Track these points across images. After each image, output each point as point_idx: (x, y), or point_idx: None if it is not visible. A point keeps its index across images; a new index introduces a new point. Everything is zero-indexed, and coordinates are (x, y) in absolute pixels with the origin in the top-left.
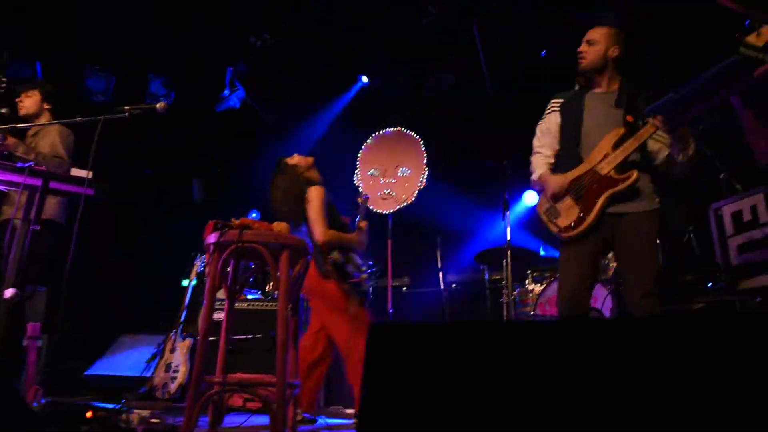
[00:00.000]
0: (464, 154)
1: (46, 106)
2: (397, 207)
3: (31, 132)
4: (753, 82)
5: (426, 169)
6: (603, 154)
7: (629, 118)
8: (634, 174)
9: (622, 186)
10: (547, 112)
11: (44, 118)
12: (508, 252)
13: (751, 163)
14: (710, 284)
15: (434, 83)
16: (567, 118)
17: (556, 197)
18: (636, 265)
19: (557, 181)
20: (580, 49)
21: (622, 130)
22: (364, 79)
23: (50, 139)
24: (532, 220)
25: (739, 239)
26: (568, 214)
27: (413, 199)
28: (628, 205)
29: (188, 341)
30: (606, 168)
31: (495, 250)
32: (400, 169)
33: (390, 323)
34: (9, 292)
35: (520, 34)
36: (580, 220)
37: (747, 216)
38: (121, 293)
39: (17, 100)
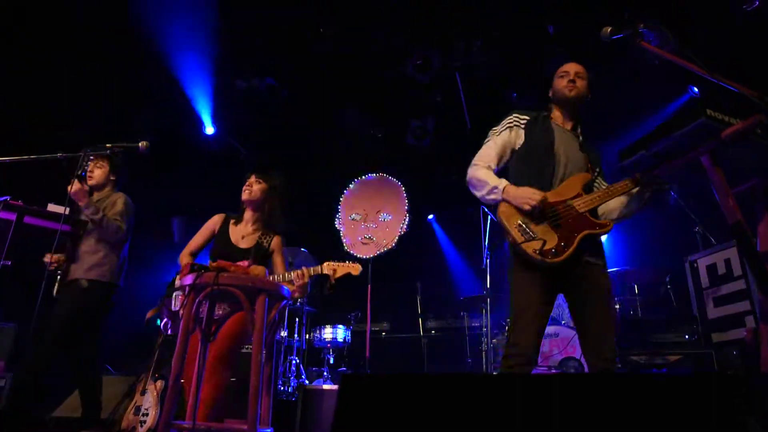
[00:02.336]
0: (444, 201)
1: (111, 178)
2: (378, 252)
3: (94, 198)
4: (721, 143)
5: (407, 215)
6: (575, 192)
7: (590, 167)
8: (611, 224)
9: (599, 231)
10: (508, 125)
11: (108, 190)
12: (488, 299)
13: (722, 217)
14: (686, 336)
15: (415, 129)
16: (534, 141)
17: (535, 213)
18: (598, 320)
19: (538, 194)
20: (573, 77)
21: (588, 177)
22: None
23: (117, 208)
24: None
25: (714, 292)
26: (547, 237)
27: (394, 244)
28: (589, 254)
29: (160, 383)
30: (583, 207)
31: (475, 298)
32: (382, 214)
33: (361, 374)
34: None
35: (495, 81)
36: (562, 248)
37: (722, 269)
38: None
39: (88, 170)
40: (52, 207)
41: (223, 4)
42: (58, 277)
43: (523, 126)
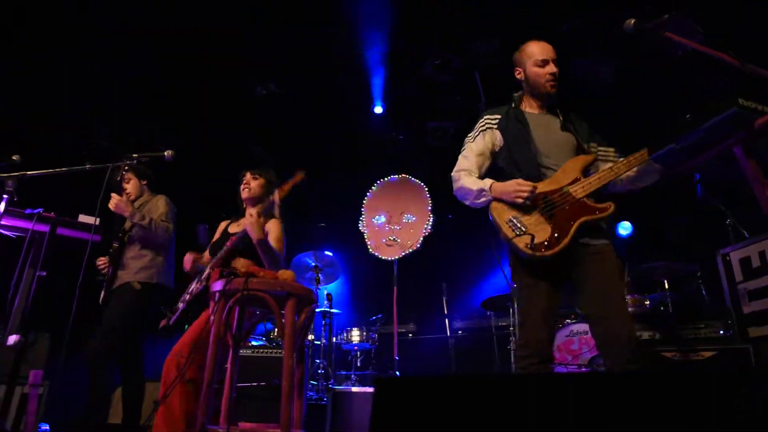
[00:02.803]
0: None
1: (143, 182)
2: (403, 253)
3: (136, 205)
4: (754, 133)
5: (431, 215)
6: (573, 177)
7: (589, 147)
8: (612, 206)
9: (598, 215)
10: (481, 129)
11: (146, 195)
12: (513, 298)
13: (756, 209)
14: (721, 331)
15: (437, 130)
16: (510, 135)
17: (526, 203)
18: (603, 300)
19: (525, 185)
20: (555, 70)
21: (590, 158)
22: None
23: (161, 210)
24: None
25: (749, 285)
26: (538, 230)
27: (418, 245)
28: (591, 237)
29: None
30: (580, 192)
31: (501, 296)
32: (405, 215)
33: (396, 378)
34: (12, 339)
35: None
36: (555, 240)
37: (756, 262)
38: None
39: (123, 190)
40: (83, 218)
41: None
42: (104, 284)
43: (495, 126)
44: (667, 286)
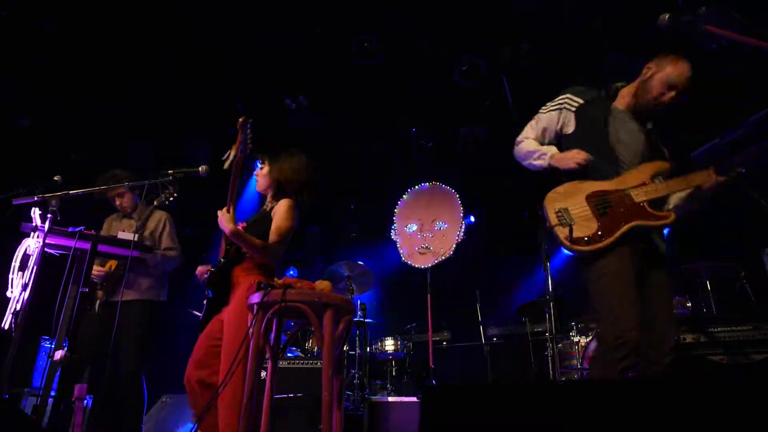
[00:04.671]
0: (498, 205)
1: (135, 194)
2: (436, 261)
3: (135, 218)
4: None
5: (463, 222)
6: (640, 181)
7: (667, 153)
8: (672, 216)
9: (655, 222)
10: (557, 106)
11: (141, 207)
12: (551, 303)
13: None
14: None
15: (467, 136)
16: (586, 125)
17: (582, 169)
18: (664, 314)
19: (582, 153)
20: (677, 96)
21: (666, 165)
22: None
23: (166, 230)
24: (573, 268)
25: None
26: (583, 225)
27: (451, 252)
28: (655, 245)
29: None
30: (641, 196)
31: (537, 302)
32: (437, 223)
33: (444, 386)
34: (58, 354)
35: (547, 83)
36: (597, 237)
37: None
38: (162, 352)
39: (119, 205)
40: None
41: None
42: (98, 298)
43: (573, 109)
44: (709, 287)
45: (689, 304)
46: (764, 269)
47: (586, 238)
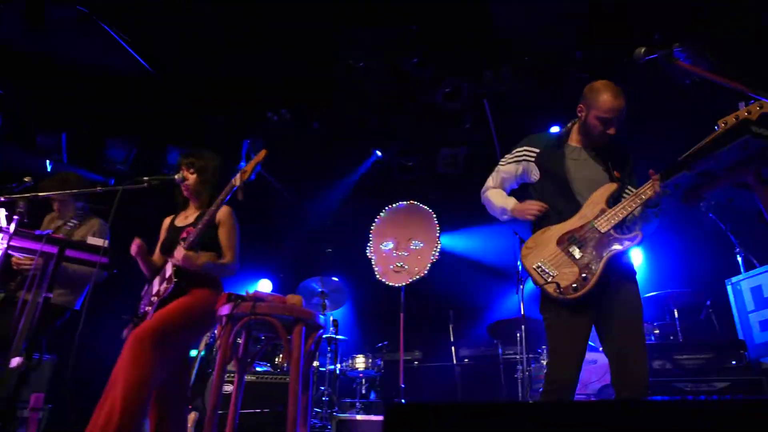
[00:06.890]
0: (476, 226)
1: (78, 204)
2: (410, 280)
3: (64, 222)
4: (766, 160)
5: (439, 242)
6: (599, 209)
7: (617, 174)
8: (640, 235)
9: (626, 246)
10: (516, 159)
11: (77, 216)
12: (522, 326)
13: (767, 238)
14: (734, 362)
15: (447, 157)
16: (547, 171)
17: (542, 214)
18: (633, 346)
19: (536, 204)
20: (613, 131)
21: (614, 186)
22: (378, 152)
23: (94, 230)
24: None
25: (762, 315)
26: (565, 273)
27: (426, 272)
28: (618, 274)
29: (194, 414)
30: (605, 225)
31: (509, 322)
32: (413, 242)
33: (407, 404)
34: (15, 361)
35: (527, 108)
36: (583, 281)
37: (767, 292)
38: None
39: (54, 210)
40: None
41: None
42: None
43: (532, 159)
44: (677, 315)
45: (657, 331)
46: (728, 299)
47: (574, 286)
